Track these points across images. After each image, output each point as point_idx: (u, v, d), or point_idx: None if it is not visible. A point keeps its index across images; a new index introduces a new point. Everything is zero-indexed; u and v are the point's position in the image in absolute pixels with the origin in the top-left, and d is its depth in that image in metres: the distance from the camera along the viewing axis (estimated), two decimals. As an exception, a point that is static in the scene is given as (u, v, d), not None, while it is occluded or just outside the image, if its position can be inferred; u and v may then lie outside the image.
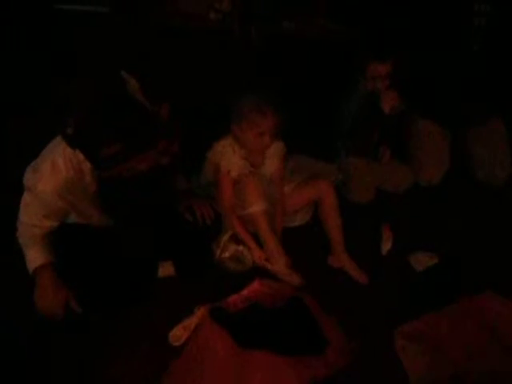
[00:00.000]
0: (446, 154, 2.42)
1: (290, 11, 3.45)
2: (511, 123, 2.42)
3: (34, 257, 1.58)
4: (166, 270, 1.80)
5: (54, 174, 1.48)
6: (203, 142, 1.99)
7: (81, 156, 1.49)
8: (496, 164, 2.35)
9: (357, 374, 1.49)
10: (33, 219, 1.57)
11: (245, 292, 1.68)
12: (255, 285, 1.70)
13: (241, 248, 1.87)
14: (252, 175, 1.85)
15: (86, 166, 1.51)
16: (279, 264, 1.83)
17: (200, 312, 1.57)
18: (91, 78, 1.55)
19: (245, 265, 1.87)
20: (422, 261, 1.95)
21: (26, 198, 1.57)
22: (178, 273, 1.81)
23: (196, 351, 1.47)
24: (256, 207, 1.80)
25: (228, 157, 1.84)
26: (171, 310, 1.66)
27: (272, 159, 1.93)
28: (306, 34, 3.31)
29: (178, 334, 1.56)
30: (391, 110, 2.14)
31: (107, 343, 1.58)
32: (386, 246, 2.03)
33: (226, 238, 1.88)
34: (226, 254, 1.86)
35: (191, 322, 1.57)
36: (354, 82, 2.24)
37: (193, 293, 1.73)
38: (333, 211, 1.93)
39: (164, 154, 1.55)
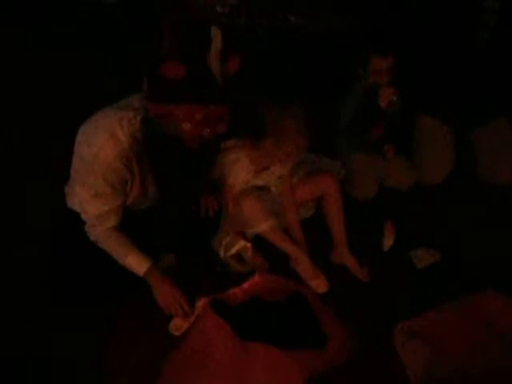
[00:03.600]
0: (451, 153, 2.41)
1: (296, 6, 3.44)
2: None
3: (136, 264, 1.58)
4: (167, 261, 1.81)
5: (113, 141, 1.44)
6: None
7: (138, 119, 1.46)
8: (501, 164, 2.34)
9: (356, 370, 1.49)
10: (102, 206, 1.51)
11: (246, 285, 1.68)
12: (256, 278, 1.70)
13: (249, 245, 1.86)
14: (247, 196, 1.79)
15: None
16: (303, 265, 1.83)
17: (201, 303, 1.58)
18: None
19: (246, 266, 1.85)
20: (423, 258, 1.95)
21: (86, 183, 1.50)
22: (180, 264, 1.81)
23: (196, 343, 1.47)
24: (264, 225, 1.78)
25: (235, 172, 1.81)
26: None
27: (284, 163, 1.88)
28: (312, 28, 3.31)
29: (178, 324, 1.57)
30: (389, 106, 2.12)
31: (106, 335, 1.59)
32: (388, 243, 2.03)
33: (231, 236, 1.87)
34: (232, 251, 1.86)
35: (192, 312, 1.57)
36: (357, 76, 2.24)
37: (194, 284, 1.73)
38: (336, 207, 1.92)
39: (209, 125, 1.44)
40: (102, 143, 1.43)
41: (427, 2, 2.26)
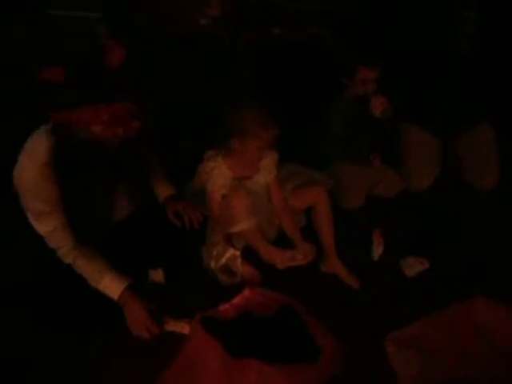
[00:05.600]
0: (436, 160, 2.43)
1: (279, 17, 3.46)
2: (500, 127, 2.43)
3: (109, 290, 1.54)
4: (155, 276, 1.79)
5: (32, 160, 1.43)
6: (194, 151, 1.97)
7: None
8: (485, 168, 2.37)
9: (349, 381, 1.48)
10: (46, 227, 1.49)
11: (235, 300, 1.66)
12: (246, 293, 1.69)
13: (237, 253, 1.86)
14: (237, 191, 1.80)
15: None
16: (280, 259, 1.80)
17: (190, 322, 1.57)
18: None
19: (235, 277, 1.85)
20: (413, 266, 1.95)
21: (26, 206, 1.48)
22: (168, 280, 1.79)
23: (187, 361, 1.45)
24: (244, 225, 1.77)
25: (214, 179, 1.82)
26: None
27: (267, 169, 1.90)
28: (295, 39, 3.33)
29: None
30: (382, 114, 2.14)
31: (95, 354, 1.56)
32: (378, 251, 2.03)
33: (221, 246, 1.87)
34: (222, 261, 1.85)
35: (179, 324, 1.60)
36: (342, 86, 2.25)
37: (183, 301, 1.72)
38: (326, 217, 1.92)
39: (122, 123, 1.40)
40: (23, 164, 1.44)
41: (411, 14, 2.30)
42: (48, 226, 1.50)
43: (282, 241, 1.93)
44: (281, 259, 1.78)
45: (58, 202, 1.50)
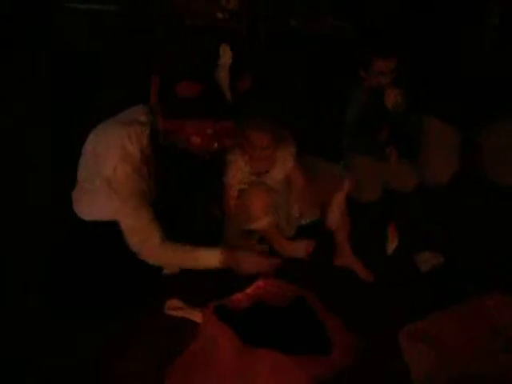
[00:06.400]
0: (455, 154, 2.40)
1: (296, 9, 3.46)
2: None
3: (209, 260, 1.62)
4: (170, 267, 1.80)
5: (127, 156, 1.48)
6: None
7: (146, 133, 1.50)
8: (508, 164, 2.33)
9: (361, 374, 1.48)
10: (144, 216, 1.54)
11: (249, 290, 1.67)
12: (259, 283, 1.70)
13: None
14: (256, 188, 1.82)
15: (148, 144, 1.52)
16: (302, 250, 1.84)
17: (204, 309, 1.58)
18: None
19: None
20: (427, 261, 1.94)
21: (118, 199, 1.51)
22: (183, 269, 1.81)
23: (201, 349, 1.47)
24: (261, 223, 1.79)
25: (233, 173, 1.83)
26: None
27: (282, 161, 1.89)
28: (313, 31, 3.32)
29: (175, 305, 1.63)
30: (395, 107, 2.13)
31: (111, 340, 1.58)
32: (392, 246, 2.02)
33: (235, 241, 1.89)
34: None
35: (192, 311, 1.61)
36: (359, 79, 2.24)
37: (197, 290, 1.73)
38: (340, 209, 1.92)
39: (218, 139, 1.51)
40: (117, 159, 1.47)
41: (432, 7, 2.27)
42: (142, 219, 1.55)
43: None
44: (303, 249, 1.82)
45: (147, 197, 1.57)
